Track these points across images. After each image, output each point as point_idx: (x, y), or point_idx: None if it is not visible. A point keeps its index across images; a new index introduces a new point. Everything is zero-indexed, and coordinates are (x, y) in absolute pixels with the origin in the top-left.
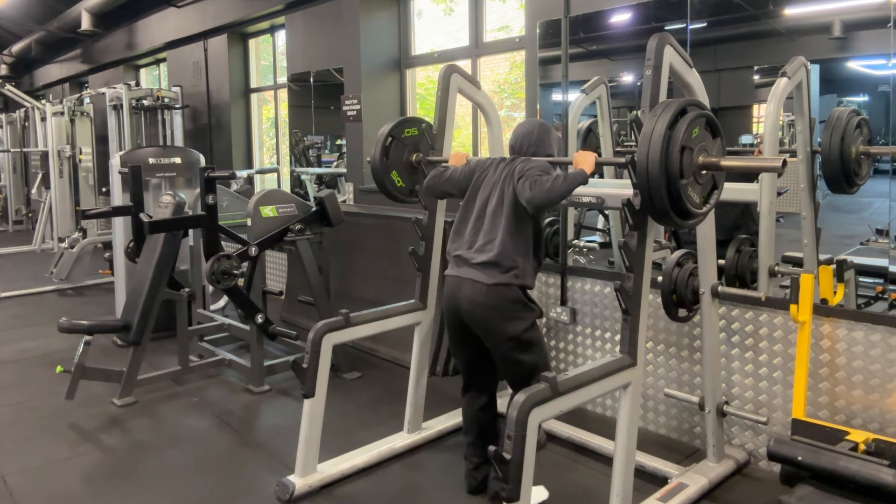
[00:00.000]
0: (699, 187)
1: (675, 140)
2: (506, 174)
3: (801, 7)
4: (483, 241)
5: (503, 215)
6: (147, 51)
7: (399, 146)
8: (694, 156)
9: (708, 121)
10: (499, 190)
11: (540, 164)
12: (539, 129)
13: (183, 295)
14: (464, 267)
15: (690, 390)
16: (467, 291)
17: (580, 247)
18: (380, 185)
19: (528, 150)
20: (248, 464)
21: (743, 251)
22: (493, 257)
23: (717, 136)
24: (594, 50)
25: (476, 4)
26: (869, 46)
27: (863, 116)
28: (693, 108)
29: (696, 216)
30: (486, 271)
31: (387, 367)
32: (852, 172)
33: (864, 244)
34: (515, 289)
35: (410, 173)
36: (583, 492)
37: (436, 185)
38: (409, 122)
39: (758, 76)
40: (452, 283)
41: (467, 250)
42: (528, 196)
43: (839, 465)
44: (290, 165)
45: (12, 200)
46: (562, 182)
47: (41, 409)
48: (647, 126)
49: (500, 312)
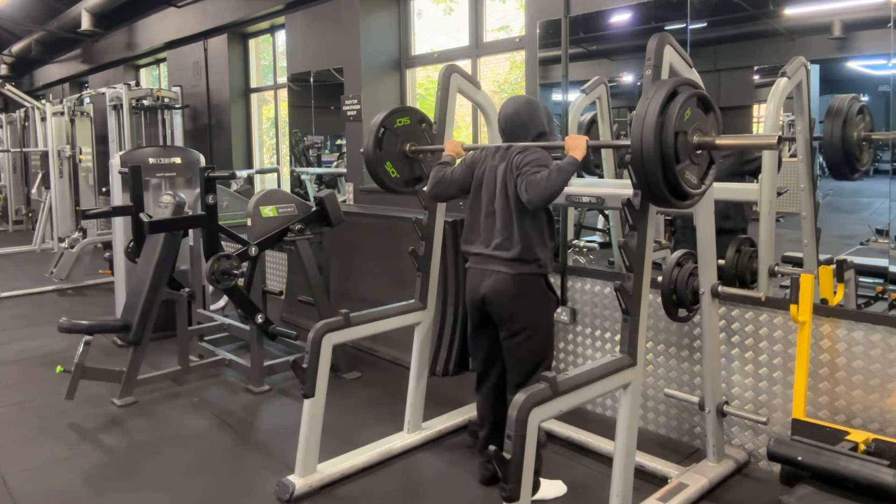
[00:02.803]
0: (695, 167)
1: (668, 126)
2: (505, 167)
3: (801, 7)
4: (500, 238)
5: (512, 209)
6: (147, 51)
7: (392, 136)
8: (689, 137)
9: (699, 98)
10: (501, 184)
11: (536, 156)
12: (525, 105)
13: (183, 295)
14: (487, 260)
15: (690, 390)
16: (491, 281)
17: (580, 247)
18: (374, 176)
19: (519, 131)
20: (248, 464)
21: (743, 251)
22: (515, 254)
23: (709, 111)
24: (594, 50)
25: (476, 4)
26: (869, 46)
27: (864, 103)
28: (684, 88)
29: (695, 196)
30: (509, 264)
31: (387, 367)
32: (854, 158)
33: (864, 244)
34: (539, 278)
35: (405, 164)
36: (583, 492)
37: (440, 192)
38: (401, 111)
39: (758, 76)
40: (476, 274)
41: (486, 248)
42: (526, 199)
43: (839, 465)
44: (290, 165)
45: (12, 200)
46: (556, 176)
47: (41, 409)
48: (640, 111)
49: (524, 300)
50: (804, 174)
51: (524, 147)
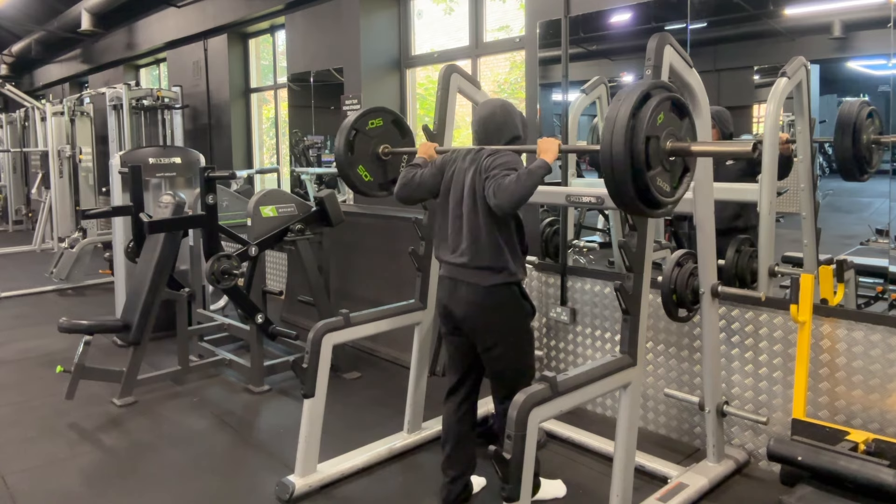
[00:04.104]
0: (668, 175)
1: (639, 130)
2: (475, 170)
3: (801, 7)
4: (468, 244)
5: (481, 214)
6: (147, 51)
7: (364, 138)
8: (661, 143)
9: (673, 102)
10: (469, 188)
11: (506, 159)
12: (501, 109)
13: (183, 295)
14: (456, 269)
15: (690, 390)
16: (463, 294)
17: (580, 247)
18: (345, 179)
19: (493, 134)
20: (248, 464)
21: (743, 251)
22: (483, 262)
23: (684, 116)
24: (594, 50)
25: (476, 4)
26: (869, 46)
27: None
28: (658, 91)
29: (667, 204)
30: (479, 274)
31: (387, 367)
32: (864, 160)
33: (864, 244)
34: (511, 287)
35: (378, 166)
36: (583, 492)
37: (408, 195)
38: (374, 112)
39: (758, 76)
40: (447, 285)
41: (453, 254)
42: (494, 203)
43: (839, 465)
44: (290, 165)
45: (12, 200)
46: (525, 179)
47: (41, 409)
48: (610, 113)
49: (497, 312)
50: (804, 174)
51: (495, 150)
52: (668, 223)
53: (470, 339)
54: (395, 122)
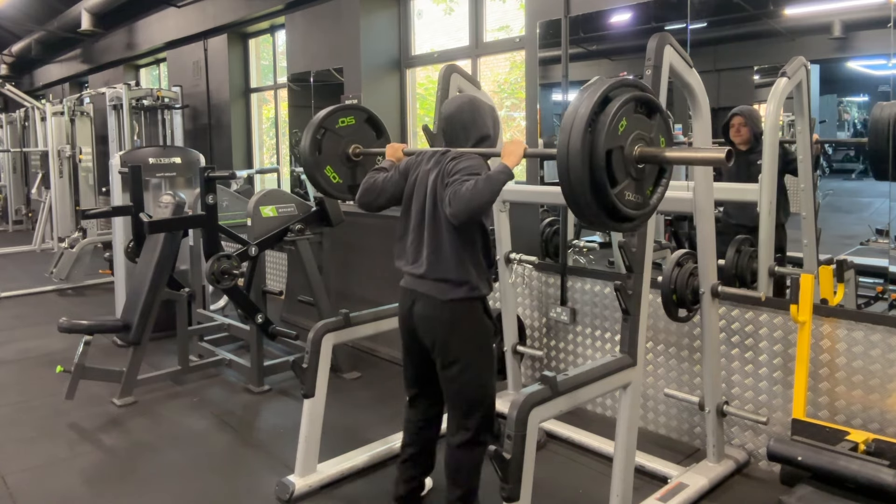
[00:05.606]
0: (638, 184)
1: (597, 144)
2: (437, 174)
3: (801, 7)
4: (427, 253)
5: (441, 222)
6: (147, 51)
7: (333, 138)
8: (626, 152)
9: (638, 101)
10: (431, 193)
11: (469, 164)
12: (469, 105)
13: (183, 295)
14: (415, 280)
15: (690, 390)
16: (420, 307)
17: (580, 247)
18: (312, 181)
19: (460, 133)
20: (248, 464)
21: (743, 251)
22: (442, 274)
23: (654, 113)
24: (594, 50)
25: (476, 4)
26: (869, 46)
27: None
28: (619, 92)
29: (640, 217)
30: (438, 287)
31: (387, 367)
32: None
33: (864, 244)
34: (474, 303)
35: (348, 168)
36: (583, 492)
37: (369, 202)
38: (345, 110)
39: (758, 76)
40: (406, 296)
41: (412, 265)
42: (450, 212)
43: (839, 465)
44: (290, 165)
45: (12, 200)
46: (483, 186)
47: (41, 409)
48: (564, 124)
49: (456, 329)
50: (804, 174)
51: (460, 153)
52: (668, 223)
53: (427, 350)
54: (368, 121)
